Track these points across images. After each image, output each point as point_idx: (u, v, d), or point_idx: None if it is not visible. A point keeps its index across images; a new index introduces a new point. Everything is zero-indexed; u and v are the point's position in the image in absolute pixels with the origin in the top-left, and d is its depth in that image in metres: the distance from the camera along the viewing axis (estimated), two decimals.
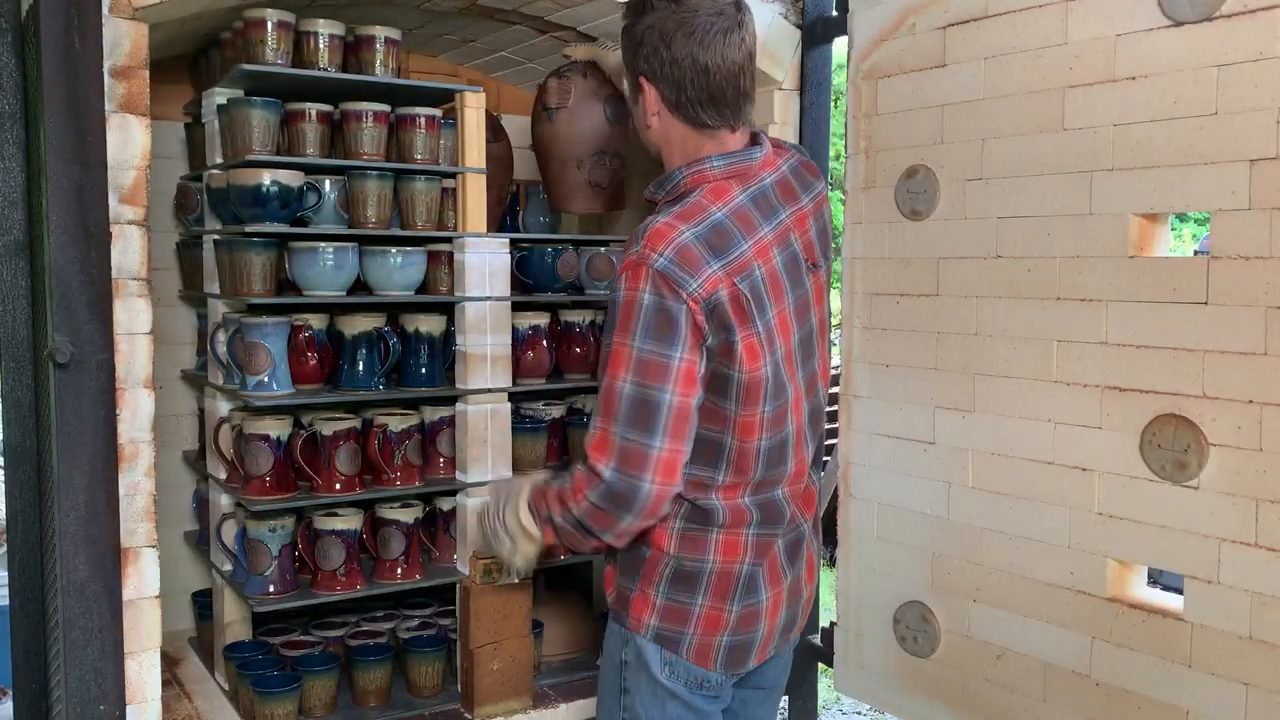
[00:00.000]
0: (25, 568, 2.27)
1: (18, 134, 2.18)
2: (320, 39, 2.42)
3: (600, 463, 1.56)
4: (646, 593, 1.71)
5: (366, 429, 2.47)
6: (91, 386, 1.84)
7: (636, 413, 1.53)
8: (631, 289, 1.55)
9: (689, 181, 1.68)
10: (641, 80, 1.67)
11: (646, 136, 1.74)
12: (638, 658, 1.73)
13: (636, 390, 1.54)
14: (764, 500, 1.72)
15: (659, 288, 1.54)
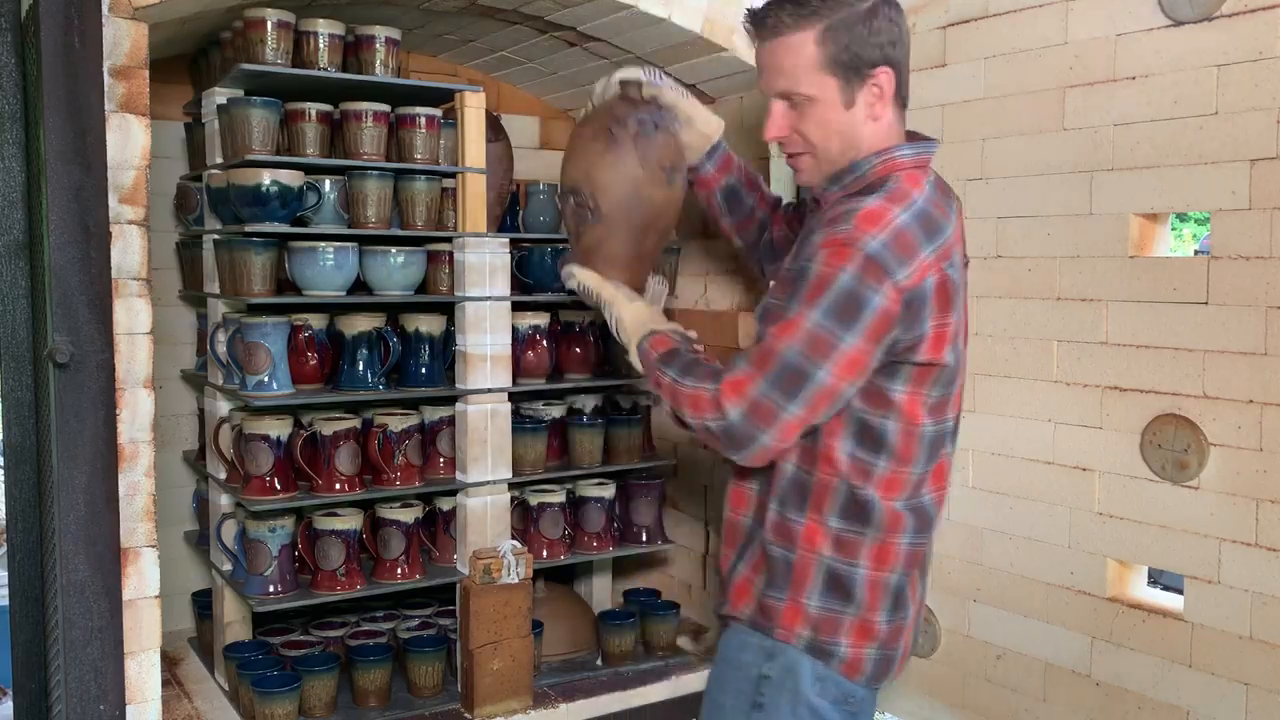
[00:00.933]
0: (25, 568, 2.27)
1: (18, 134, 2.18)
2: (320, 39, 2.42)
3: (731, 401, 1.55)
4: (798, 600, 1.63)
5: (366, 429, 2.47)
6: (91, 386, 1.84)
7: (787, 378, 1.52)
8: (831, 266, 1.50)
9: (878, 171, 1.62)
10: (880, 71, 1.60)
11: (839, 133, 1.63)
12: (785, 672, 1.63)
13: (797, 359, 1.51)
14: (916, 505, 1.66)
15: (863, 272, 1.49)
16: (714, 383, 1.58)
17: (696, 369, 1.64)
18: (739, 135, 2.81)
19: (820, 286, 1.50)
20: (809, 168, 1.67)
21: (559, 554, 2.70)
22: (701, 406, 1.59)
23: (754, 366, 1.54)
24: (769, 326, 1.56)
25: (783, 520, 1.64)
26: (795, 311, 1.52)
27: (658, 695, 2.64)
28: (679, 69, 2.80)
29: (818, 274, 1.51)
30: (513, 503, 2.63)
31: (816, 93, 1.60)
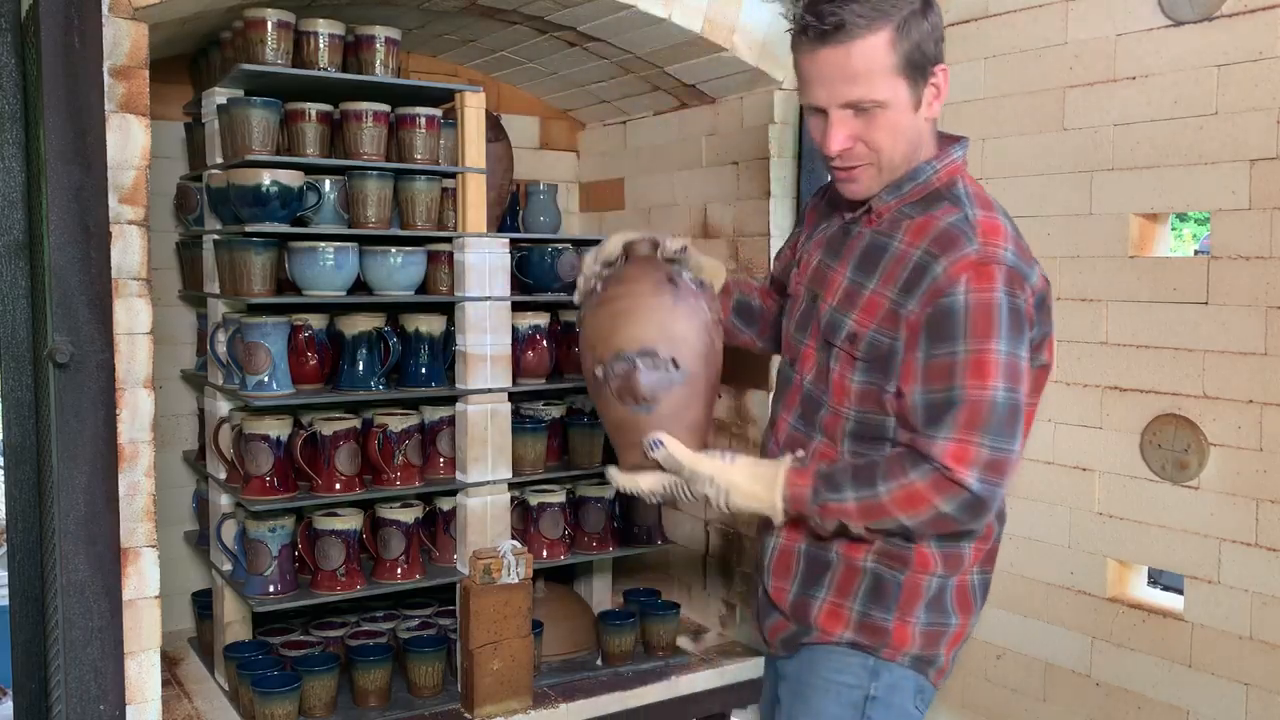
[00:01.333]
0: (25, 568, 2.27)
1: (18, 134, 2.18)
2: (320, 39, 2.42)
3: (964, 473, 1.42)
4: (907, 620, 1.58)
5: (366, 429, 2.47)
6: (91, 386, 1.84)
7: (1006, 421, 1.43)
8: (984, 290, 1.43)
9: (942, 177, 1.55)
10: (939, 69, 1.52)
11: (906, 139, 1.52)
12: (891, 689, 1.60)
13: (1007, 398, 1.43)
14: (1001, 507, 1.62)
15: (1011, 285, 1.44)
16: (921, 468, 1.45)
17: (874, 470, 1.50)
18: (739, 135, 2.81)
19: (986, 315, 1.43)
20: (869, 179, 1.54)
21: (559, 554, 2.70)
22: (924, 498, 1.45)
23: (968, 428, 1.43)
24: (959, 378, 1.43)
25: (890, 545, 1.56)
26: (976, 350, 1.43)
27: (658, 695, 2.64)
28: (679, 69, 2.80)
29: (975, 304, 1.43)
30: (513, 503, 2.63)
31: (890, 97, 1.47)
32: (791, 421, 1.65)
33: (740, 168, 2.82)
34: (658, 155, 3.15)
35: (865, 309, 1.52)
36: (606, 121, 3.36)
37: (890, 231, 1.54)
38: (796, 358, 1.66)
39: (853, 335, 1.53)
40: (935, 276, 1.45)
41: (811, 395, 1.62)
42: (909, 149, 1.53)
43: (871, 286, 1.53)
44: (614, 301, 1.62)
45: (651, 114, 3.15)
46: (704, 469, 1.55)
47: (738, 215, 2.84)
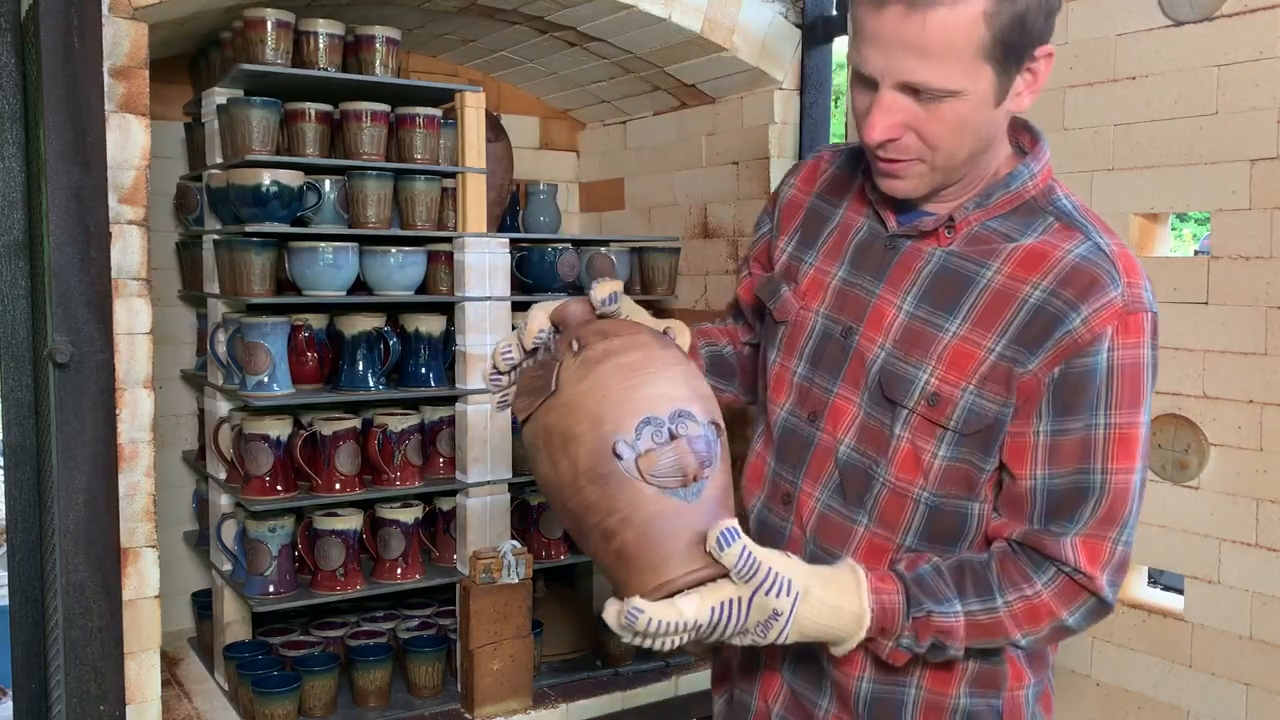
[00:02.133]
0: (25, 568, 2.27)
1: (18, 134, 2.18)
2: (320, 39, 2.42)
3: (1098, 577, 1.16)
4: None
5: (366, 429, 2.47)
6: (91, 386, 1.84)
7: (1138, 508, 1.18)
8: (1132, 348, 1.15)
9: (1040, 181, 1.23)
10: (1043, 52, 1.15)
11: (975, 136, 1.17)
12: None
13: (1143, 479, 1.18)
14: None
15: (1155, 338, 1.18)
16: (1045, 572, 1.18)
17: (985, 575, 1.19)
18: (739, 135, 2.81)
19: (1134, 381, 1.15)
20: (917, 179, 1.19)
21: (559, 554, 2.70)
22: (1048, 610, 1.18)
23: (1107, 522, 1.16)
24: (1086, 463, 1.15)
25: (982, 664, 1.27)
26: (1121, 425, 1.15)
27: (658, 695, 2.64)
28: (679, 69, 2.80)
29: (1122, 366, 1.15)
30: (513, 503, 2.63)
31: (967, 86, 1.11)
32: (822, 498, 1.28)
33: (740, 168, 2.82)
34: (658, 155, 3.15)
35: (952, 361, 1.18)
36: (606, 121, 3.36)
37: (977, 256, 1.20)
38: (820, 411, 1.28)
39: (936, 396, 1.19)
40: (1071, 330, 1.13)
41: (856, 465, 1.25)
42: (977, 148, 1.18)
43: (955, 330, 1.19)
44: (606, 362, 1.16)
45: (651, 114, 3.15)
46: (780, 566, 1.09)
47: (738, 215, 2.84)
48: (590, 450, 1.10)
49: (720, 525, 1.07)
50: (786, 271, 1.37)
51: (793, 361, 1.33)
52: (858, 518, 1.26)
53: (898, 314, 1.23)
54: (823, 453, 1.28)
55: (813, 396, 1.29)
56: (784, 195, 1.42)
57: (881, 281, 1.26)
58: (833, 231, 1.34)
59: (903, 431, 1.22)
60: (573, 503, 1.12)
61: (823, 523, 1.28)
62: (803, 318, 1.32)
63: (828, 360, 1.28)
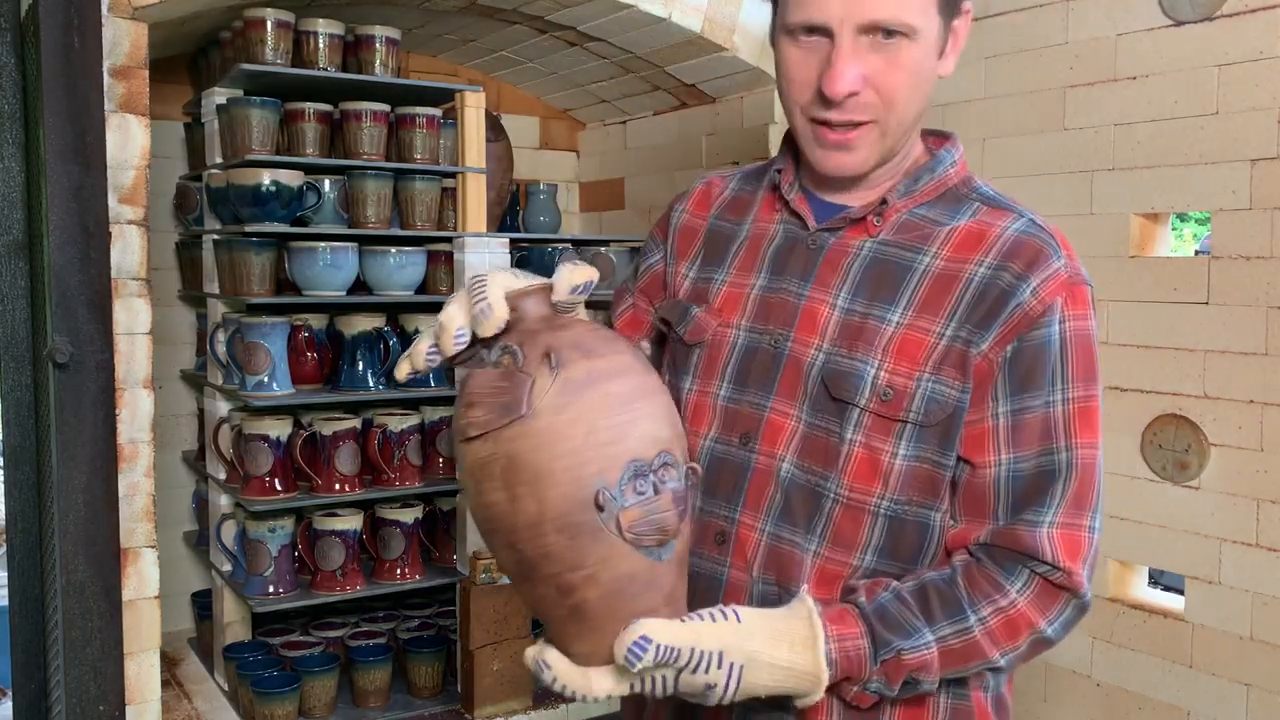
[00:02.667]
0: (25, 568, 2.27)
1: (17, 134, 2.18)
2: (320, 39, 2.42)
3: (1079, 570, 1.07)
4: None
5: (366, 429, 2.47)
6: (91, 387, 1.84)
7: (1102, 489, 1.11)
8: (1082, 319, 1.10)
9: (960, 169, 1.19)
10: (967, 10, 1.15)
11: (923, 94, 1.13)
12: None
13: (1101, 457, 1.10)
14: None
15: (1095, 311, 1.14)
16: (1018, 576, 1.07)
17: (953, 592, 1.08)
18: (739, 135, 2.81)
19: (1087, 351, 1.10)
20: (869, 147, 1.12)
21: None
22: (1026, 621, 1.07)
23: (1078, 505, 1.07)
24: (1051, 441, 1.08)
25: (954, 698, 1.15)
26: (1081, 398, 1.09)
27: None
28: (679, 69, 2.80)
29: (1075, 337, 1.09)
30: None
31: (922, 25, 1.08)
32: (767, 528, 1.13)
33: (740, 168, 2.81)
34: (658, 155, 3.15)
35: (901, 351, 1.10)
36: (606, 121, 3.36)
37: (911, 243, 1.14)
38: (754, 431, 1.15)
39: (889, 390, 1.09)
40: (1022, 303, 1.08)
41: (801, 484, 1.12)
42: (920, 109, 1.14)
43: (899, 320, 1.11)
44: (592, 389, 0.98)
45: (651, 114, 3.15)
46: (708, 643, 0.97)
47: None
48: (565, 495, 0.94)
49: (629, 635, 0.94)
50: (694, 293, 1.24)
51: (713, 385, 1.20)
52: (808, 544, 1.12)
53: (832, 311, 1.14)
54: (762, 476, 1.14)
55: (743, 417, 1.16)
56: (676, 221, 1.31)
57: (809, 282, 1.16)
58: (742, 245, 1.23)
59: (855, 435, 1.10)
60: (527, 546, 0.96)
61: (771, 555, 1.13)
62: (721, 335, 1.20)
63: (757, 374, 1.16)
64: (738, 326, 1.19)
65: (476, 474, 1.00)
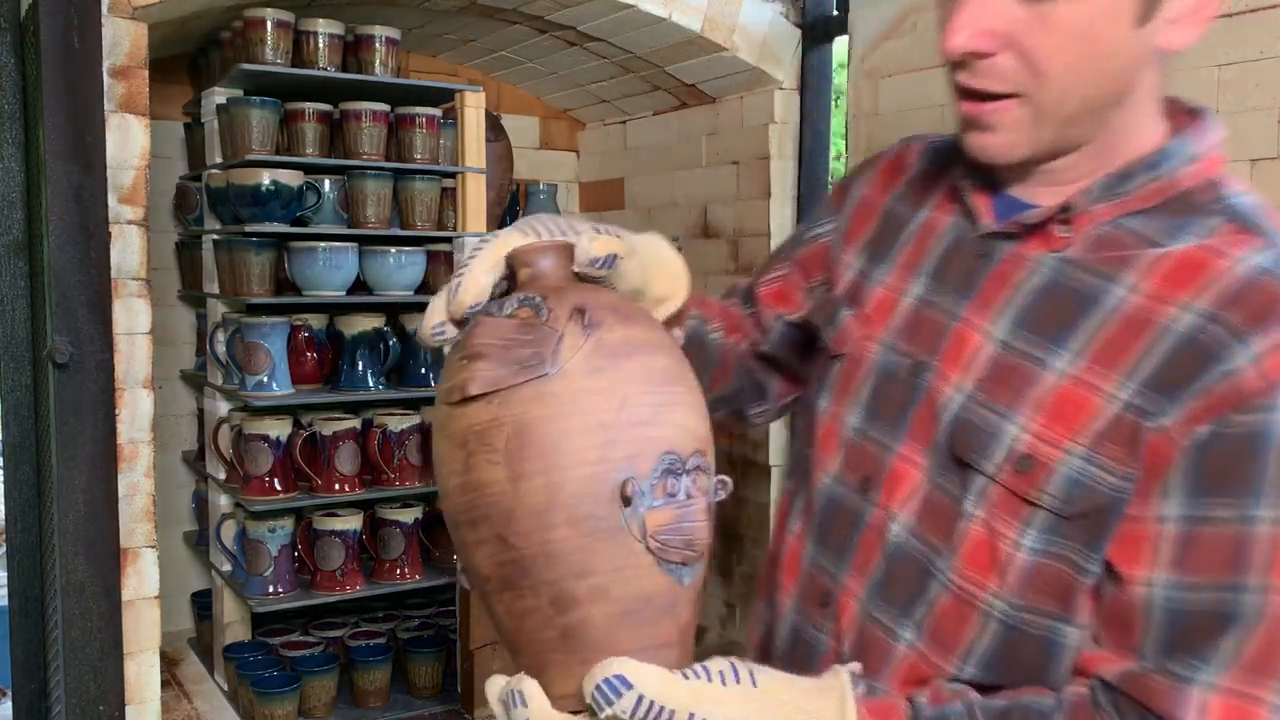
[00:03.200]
0: (24, 568, 2.27)
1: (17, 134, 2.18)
2: (320, 39, 2.42)
3: None
4: None
5: (366, 429, 2.47)
6: (91, 387, 1.84)
7: None
8: None
9: (1202, 168, 0.88)
10: None
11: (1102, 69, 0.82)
12: None
13: None
14: None
15: None
16: None
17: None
18: (739, 135, 2.81)
19: None
20: (1016, 128, 0.84)
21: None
22: None
23: (1257, 670, 0.76)
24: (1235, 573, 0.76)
25: None
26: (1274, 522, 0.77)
27: None
28: (679, 69, 2.80)
29: None
30: None
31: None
32: (865, 598, 0.92)
33: (740, 168, 2.81)
34: (658, 155, 3.15)
35: (1056, 411, 0.82)
36: (606, 121, 3.36)
37: (1105, 267, 0.85)
38: (875, 477, 0.93)
39: (1028, 459, 0.83)
40: (1233, 370, 0.77)
41: (910, 554, 0.89)
42: (1101, 89, 0.83)
43: (1065, 368, 0.83)
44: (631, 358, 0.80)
45: (651, 114, 3.15)
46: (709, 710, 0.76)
47: (738, 215, 2.84)
48: (586, 478, 0.76)
49: (606, 669, 0.74)
50: (850, 291, 1.01)
51: (845, 410, 0.97)
52: (901, 631, 0.88)
53: (985, 343, 0.87)
54: (872, 535, 0.91)
55: (867, 457, 0.93)
56: (856, 193, 1.07)
57: (968, 299, 0.90)
58: (910, 238, 0.99)
59: (976, 508, 0.84)
60: (523, 540, 0.77)
61: (862, 636, 0.91)
62: (862, 350, 0.96)
63: (889, 406, 0.93)
64: (881, 341, 0.96)
65: (469, 444, 0.79)
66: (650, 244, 0.90)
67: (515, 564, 0.78)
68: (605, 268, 0.86)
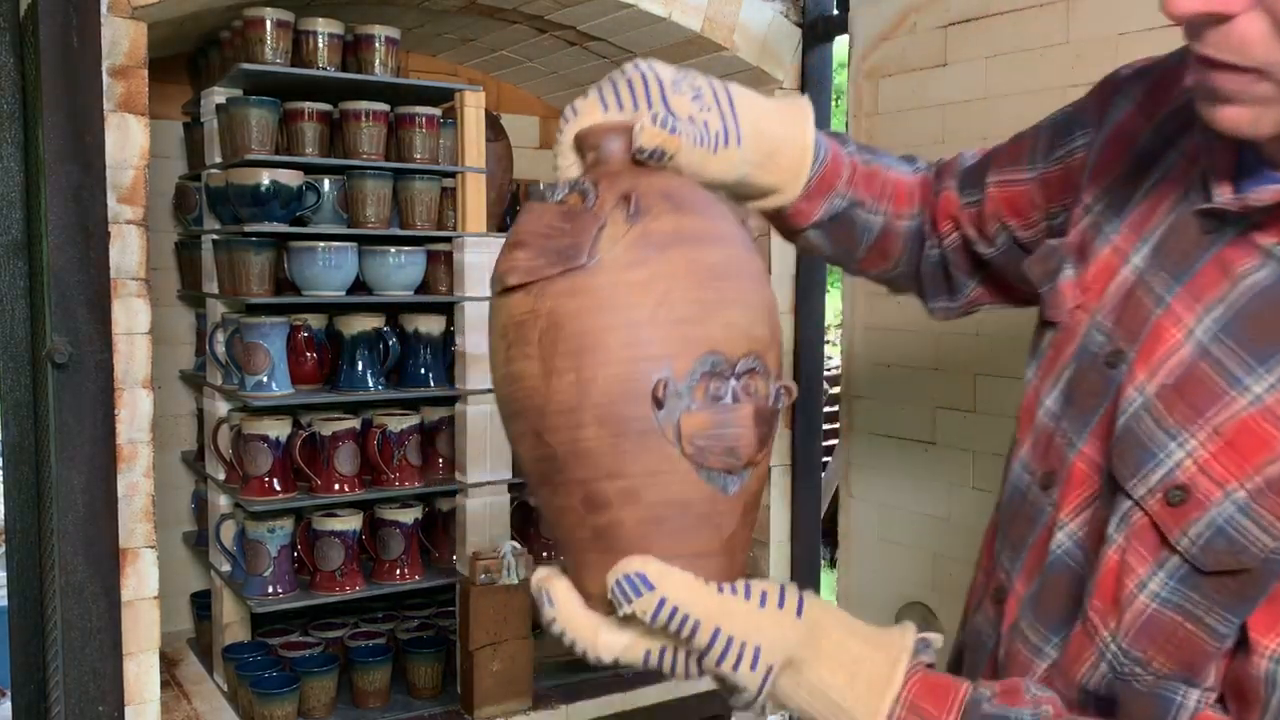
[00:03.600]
0: (23, 568, 2.27)
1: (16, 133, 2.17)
2: (319, 38, 2.42)
3: None
4: None
5: (366, 429, 2.47)
6: (90, 387, 1.84)
7: None
8: None
9: None
10: None
11: None
12: None
13: None
14: None
15: None
16: None
17: None
18: None
19: None
20: (1261, 102, 0.68)
21: (559, 555, 2.70)
22: None
23: None
24: None
25: None
26: None
27: (658, 696, 2.64)
28: None
29: None
30: (513, 503, 2.62)
31: None
32: (1026, 600, 0.85)
33: None
34: None
35: (1235, 439, 0.70)
36: None
37: None
38: (1059, 472, 0.84)
39: (1182, 491, 0.72)
40: None
41: (1069, 568, 0.81)
42: None
43: (1261, 390, 0.70)
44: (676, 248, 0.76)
45: None
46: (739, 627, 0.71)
47: None
48: (617, 377, 0.72)
49: (629, 565, 0.71)
50: (1079, 245, 0.87)
51: (1045, 387, 0.87)
52: (1046, 649, 0.80)
53: (1183, 342, 0.75)
54: (1043, 540, 0.83)
55: (1053, 450, 0.84)
56: (1118, 112, 0.89)
57: (1180, 284, 0.76)
58: (1150, 191, 0.82)
59: (1117, 533, 0.74)
60: (554, 438, 0.74)
61: (1012, 648, 0.84)
62: (1075, 322, 0.84)
63: (1083, 396, 0.81)
64: (1093, 316, 0.82)
65: (508, 335, 0.78)
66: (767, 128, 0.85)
67: (549, 460, 0.76)
68: (656, 160, 0.82)
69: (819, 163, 0.98)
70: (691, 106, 0.83)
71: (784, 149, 0.90)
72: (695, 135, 0.85)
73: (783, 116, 0.95)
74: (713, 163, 0.84)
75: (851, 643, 0.74)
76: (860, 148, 1.06)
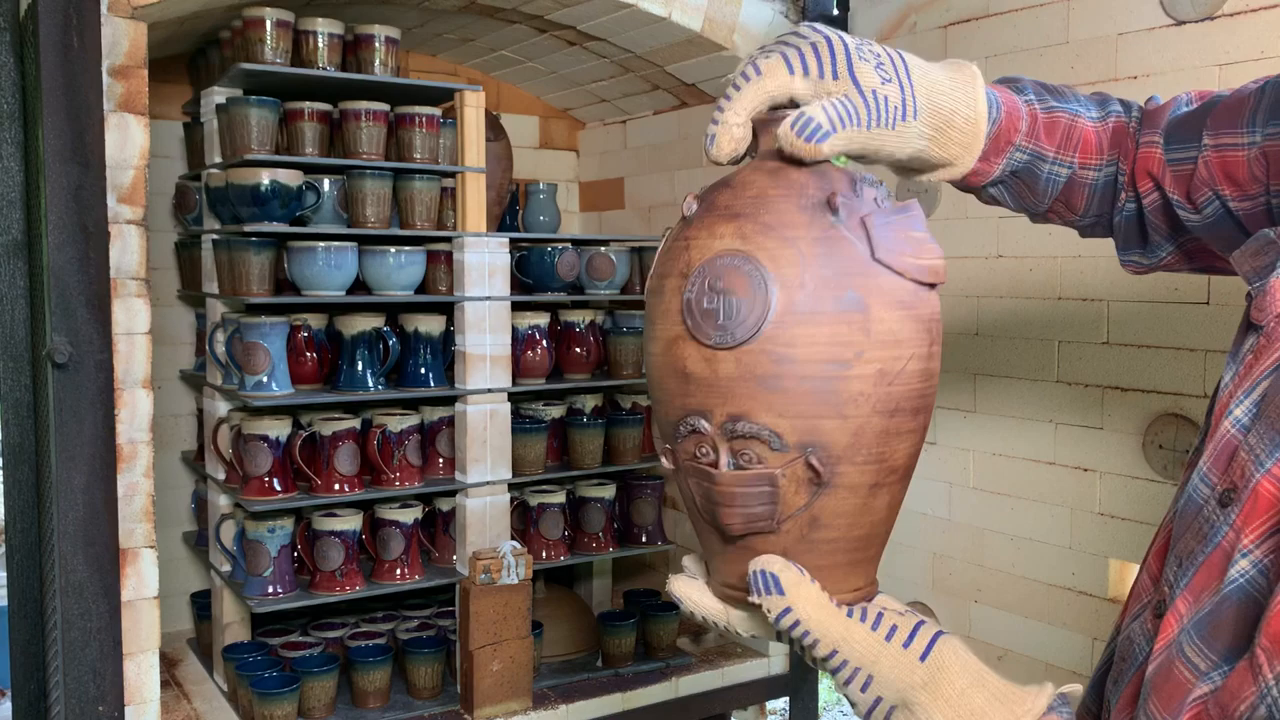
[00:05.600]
0: (24, 568, 2.27)
1: (16, 133, 2.17)
2: (319, 38, 2.42)
3: None
4: None
5: (366, 429, 2.47)
6: (90, 387, 1.84)
7: None
8: None
9: None
10: None
11: None
12: None
13: None
14: None
15: None
16: None
17: None
18: None
19: None
20: None
21: (559, 555, 2.70)
22: None
23: None
24: None
25: None
26: None
27: (658, 696, 2.64)
28: (679, 68, 2.80)
29: None
30: (512, 503, 2.62)
31: None
32: (1188, 623, 0.74)
33: None
34: (657, 155, 3.14)
35: None
36: (606, 121, 3.36)
37: None
38: (1241, 490, 0.73)
39: None
40: None
41: (1249, 596, 0.71)
42: None
43: None
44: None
45: (651, 113, 3.15)
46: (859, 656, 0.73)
47: None
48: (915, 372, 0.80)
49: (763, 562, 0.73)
50: None
51: (1239, 394, 0.76)
52: (1210, 673, 0.70)
53: None
54: (1218, 559, 0.73)
55: (1238, 464, 0.74)
56: None
57: None
58: None
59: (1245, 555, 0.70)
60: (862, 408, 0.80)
61: (1164, 666, 0.74)
62: (1278, 330, 0.75)
63: (1276, 413, 0.72)
64: None
65: None
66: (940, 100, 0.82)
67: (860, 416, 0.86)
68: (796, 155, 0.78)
69: (993, 123, 0.94)
70: (875, 77, 0.79)
71: (955, 121, 0.87)
72: (872, 115, 0.80)
73: (954, 85, 0.89)
74: (890, 139, 0.81)
75: (976, 695, 0.71)
76: (1040, 92, 0.99)
